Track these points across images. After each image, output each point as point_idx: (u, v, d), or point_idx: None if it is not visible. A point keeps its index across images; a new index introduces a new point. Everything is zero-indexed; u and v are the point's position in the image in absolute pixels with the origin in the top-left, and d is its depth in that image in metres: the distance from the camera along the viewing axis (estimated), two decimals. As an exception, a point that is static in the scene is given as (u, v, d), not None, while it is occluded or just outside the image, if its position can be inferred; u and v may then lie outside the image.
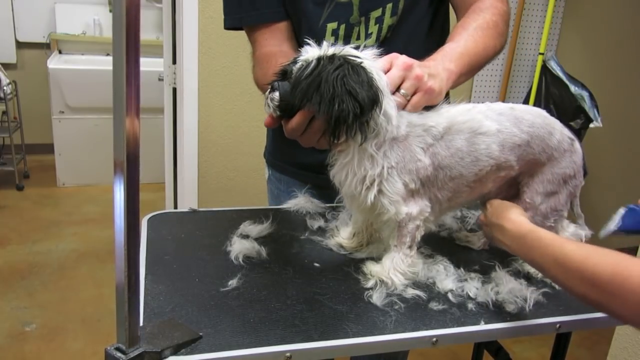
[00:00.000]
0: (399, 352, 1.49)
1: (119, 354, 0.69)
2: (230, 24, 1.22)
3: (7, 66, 4.20)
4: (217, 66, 2.41)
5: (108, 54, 4.35)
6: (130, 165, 0.64)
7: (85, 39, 4.38)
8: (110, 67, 0.61)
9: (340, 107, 0.83)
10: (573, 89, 2.70)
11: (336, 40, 1.16)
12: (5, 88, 3.79)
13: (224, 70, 2.43)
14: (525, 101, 2.84)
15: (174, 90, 2.67)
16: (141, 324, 0.76)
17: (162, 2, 2.64)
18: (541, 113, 1.00)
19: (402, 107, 0.92)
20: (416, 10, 1.17)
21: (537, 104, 2.79)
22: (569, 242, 0.77)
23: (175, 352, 0.74)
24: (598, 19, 2.94)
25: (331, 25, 1.15)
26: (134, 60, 0.61)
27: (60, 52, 4.38)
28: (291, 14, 1.18)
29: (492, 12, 1.09)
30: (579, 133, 2.73)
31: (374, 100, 0.86)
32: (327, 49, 0.88)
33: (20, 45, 4.41)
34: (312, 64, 0.86)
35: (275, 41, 1.18)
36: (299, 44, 1.18)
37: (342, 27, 1.15)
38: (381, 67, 0.91)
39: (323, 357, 0.81)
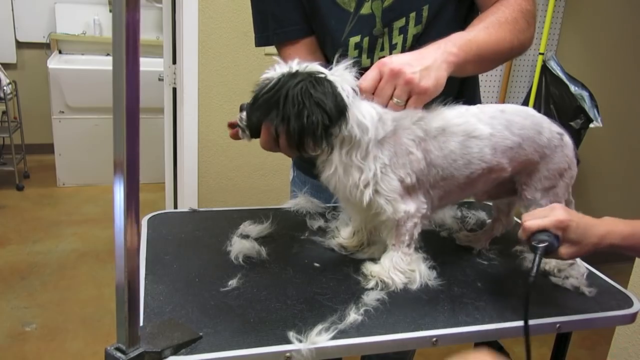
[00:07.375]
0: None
1: (119, 354, 0.69)
2: (259, 43, 1.23)
3: (7, 66, 4.19)
4: (217, 66, 2.41)
5: (108, 54, 4.35)
6: (130, 165, 0.64)
7: (85, 39, 4.38)
8: (110, 67, 0.62)
9: (310, 119, 0.83)
10: (573, 89, 2.69)
11: (360, 53, 1.15)
12: (5, 88, 3.79)
13: (224, 70, 2.43)
14: (525, 101, 2.84)
15: (174, 90, 2.67)
16: (141, 324, 0.76)
17: (162, 2, 2.63)
18: (528, 113, 1.01)
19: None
20: (442, 18, 1.13)
21: (537, 104, 2.79)
22: None
23: (175, 352, 0.74)
24: (598, 19, 2.94)
25: (354, 39, 1.14)
26: (134, 60, 0.61)
27: (60, 52, 4.38)
28: (315, 30, 1.18)
29: (514, 8, 1.07)
30: (579, 133, 2.73)
31: (341, 110, 0.86)
32: (293, 66, 0.89)
33: (20, 45, 4.40)
34: (273, 82, 0.87)
35: (298, 57, 1.19)
36: (326, 57, 1.19)
37: (366, 40, 1.14)
38: (371, 77, 0.91)
39: (323, 357, 0.81)
